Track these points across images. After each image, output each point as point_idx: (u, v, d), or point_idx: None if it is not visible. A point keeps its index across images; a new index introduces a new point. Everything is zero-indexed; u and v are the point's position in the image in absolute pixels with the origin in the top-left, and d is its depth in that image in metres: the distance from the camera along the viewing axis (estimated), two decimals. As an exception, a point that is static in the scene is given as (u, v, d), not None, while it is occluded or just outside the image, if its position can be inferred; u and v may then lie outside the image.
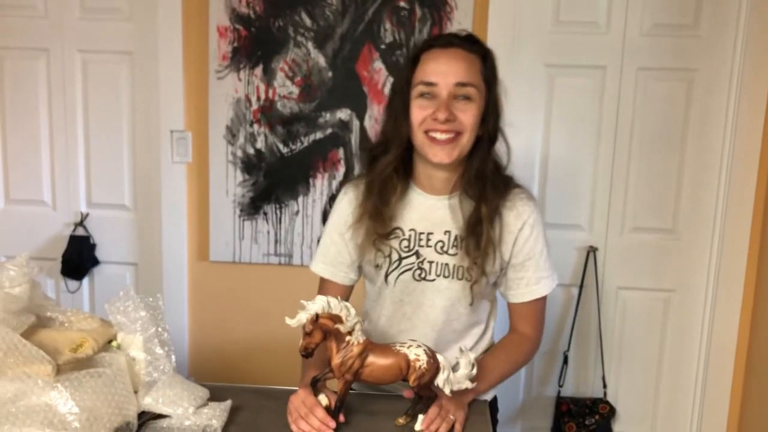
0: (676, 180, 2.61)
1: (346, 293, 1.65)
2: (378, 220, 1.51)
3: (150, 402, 1.37)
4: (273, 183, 2.63)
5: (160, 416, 1.39)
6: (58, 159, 2.81)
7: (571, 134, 2.61)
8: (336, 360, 1.38)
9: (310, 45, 2.54)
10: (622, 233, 2.66)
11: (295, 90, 2.57)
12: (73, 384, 1.22)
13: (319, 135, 2.59)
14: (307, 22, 2.53)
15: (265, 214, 2.65)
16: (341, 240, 1.60)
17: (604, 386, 2.71)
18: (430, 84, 1.43)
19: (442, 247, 1.53)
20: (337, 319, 1.35)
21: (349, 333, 1.37)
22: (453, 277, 1.53)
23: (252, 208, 2.66)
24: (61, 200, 2.84)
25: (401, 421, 1.47)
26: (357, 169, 2.57)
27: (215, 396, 1.48)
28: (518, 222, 1.53)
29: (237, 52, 2.57)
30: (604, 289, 2.69)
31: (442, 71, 1.41)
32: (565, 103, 2.60)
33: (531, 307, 1.61)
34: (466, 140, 1.45)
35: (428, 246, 1.53)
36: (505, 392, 2.75)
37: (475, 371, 1.43)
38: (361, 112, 2.57)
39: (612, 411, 2.69)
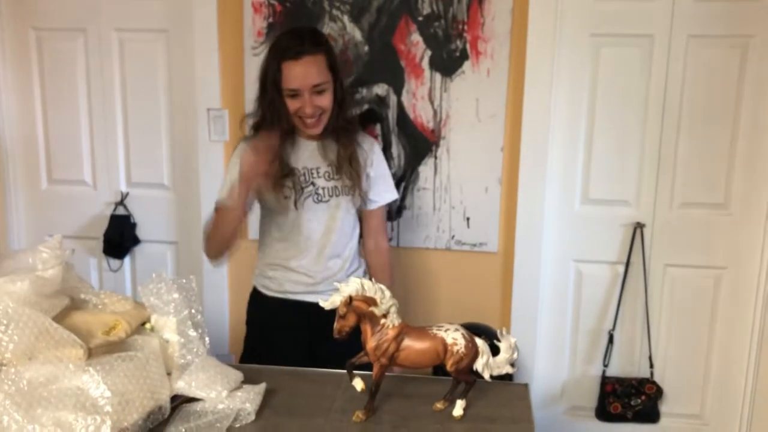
0: (728, 153, 2.50)
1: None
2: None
3: (183, 386, 1.36)
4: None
5: (193, 400, 1.38)
6: (97, 139, 2.83)
7: (618, 106, 2.52)
8: (371, 343, 1.35)
9: (345, 18, 2.49)
10: (671, 209, 2.56)
11: (332, 65, 2.53)
12: (105, 368, 1.21)
13: (356, 111, 2.54)
14: (343, -5, 2.48)
15: (303, 191, 2.63)
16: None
17: (651, 366, 2.64)
18: (294, 90, 1.88)
19: (328, 175, 1.99)
20: (371, 301, 1.32)
21: (384, 316, 1.34)
22: (341, 195, 2.01)
23: (289, 186, 2.63)
24: (102, 180, 2.86)
25: (439, 405, 1.44)
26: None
27: (250, 378, 1.47)
28: (369, 146, 2.10)
29: (272, 28, 2.53)
30: (651, 267, 2.60)
31: (300, 78, 1.86)
32: (612, 74, 2.50)
33: (381, 214, 2.15)
34: (328, 115, 1.94)
35: (319, 176, 1.99)
36: (549, 371, 2.73)
37: (516, 355, 1.39)
38: (398, 87, 2.51)
39: (659, 391, 2.63)
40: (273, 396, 1.46)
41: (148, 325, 1.43)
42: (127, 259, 2.90)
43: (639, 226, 2.57)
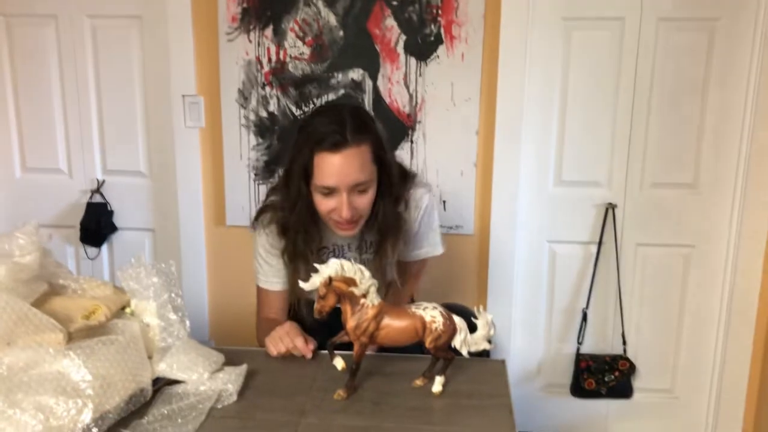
0: (696, 134, 2.54)
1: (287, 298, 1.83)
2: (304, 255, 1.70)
3: (164, 368, 1.37)
4: (287, 146, 2.60)
5: (174, 382, 1.39)
6: (72, 126, 2.80)
7: (589, 88, 2.55)
8: (351, 323, 1.37)
9: (320, 3, 2.49)
10: (642, 189, 2.61)
11: (306, 50, 2.53)
12: (86, 352, 1.21)
13: (331, 96, 2.55)
14: (317, -21, 2.48)
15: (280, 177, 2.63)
16: (273, 261, 1.77)
17: (624, 343, 2.69)
18: (329, 187, 1.56)
19: (361, 250, 1.78)
20: (351, 281, 1.34)
21: (364, 296, 1.36)
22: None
23: (267, 171, 2.63)
24: (77, 168, 2.84)
25: (418, 382, 1.46)
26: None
27: (231, 360, 1.48)
28: (416, 213, 1.79)
29: (246, 13, 2.52)
30: (623, 246, 2.65)
31: (338, 174, 1.54)
32: (583, 57, 2.53)
33: (419, 265, 1.96)
34: (365, 217, 1.66)
35: (350, 251, 1.79)
36: (525, 350, 2.77)
37: (493, 332, 1.42)
38: (373, 72, 2.52)
39: (632, 367, 2.69)
40: (254, 377, 1.48)
41: (128, 310, 1.43)
42: (104, 247, 2.89)
43: (611, 207, 2.61)
